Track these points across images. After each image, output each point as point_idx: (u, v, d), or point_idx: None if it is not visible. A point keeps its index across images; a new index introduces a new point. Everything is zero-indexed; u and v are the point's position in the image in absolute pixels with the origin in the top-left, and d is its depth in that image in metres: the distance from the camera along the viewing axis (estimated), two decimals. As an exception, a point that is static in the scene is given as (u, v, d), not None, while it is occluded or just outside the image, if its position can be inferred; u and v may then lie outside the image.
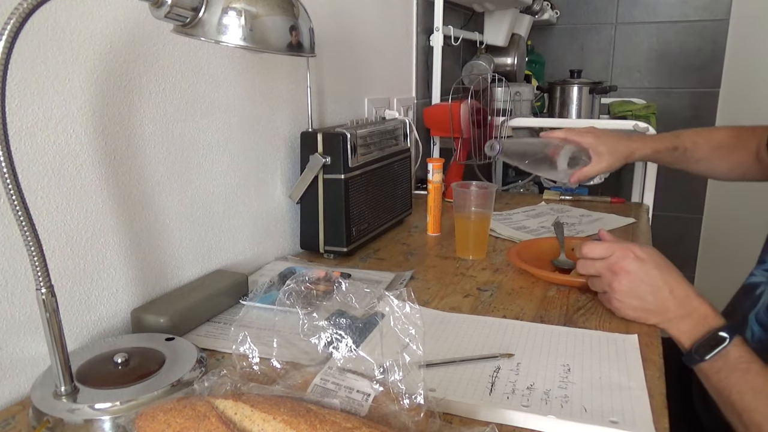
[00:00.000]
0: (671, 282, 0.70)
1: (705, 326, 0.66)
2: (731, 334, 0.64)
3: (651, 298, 0.70)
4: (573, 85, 1.86)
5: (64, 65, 0.61)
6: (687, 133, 1.03)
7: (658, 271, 0.70)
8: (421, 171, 1.58)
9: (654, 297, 0.70)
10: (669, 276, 0.70)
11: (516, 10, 2.01)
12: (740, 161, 1.00)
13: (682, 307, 0.68)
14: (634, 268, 0.71)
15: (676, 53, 2.43)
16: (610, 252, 0.73)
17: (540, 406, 0.55)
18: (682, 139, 1.02)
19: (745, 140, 0.99)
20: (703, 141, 1.02)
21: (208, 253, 0.86)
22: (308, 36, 0.61)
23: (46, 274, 0.48)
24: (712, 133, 1.04)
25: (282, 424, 0.42)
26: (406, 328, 0.52)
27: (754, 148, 0.97)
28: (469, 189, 1.00)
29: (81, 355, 0.59)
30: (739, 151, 0.99)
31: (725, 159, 1.01)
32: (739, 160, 1.00)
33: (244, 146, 0.93)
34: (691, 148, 1.01)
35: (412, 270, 0.95)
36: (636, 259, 0.71)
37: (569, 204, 1.43)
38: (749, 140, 0.98)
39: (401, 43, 1.56)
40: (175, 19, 0.53)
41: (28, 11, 0.43)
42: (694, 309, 0.68)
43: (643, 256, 0.71)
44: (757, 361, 0.63)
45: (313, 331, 0.56)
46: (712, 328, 0.66)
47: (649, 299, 0.70)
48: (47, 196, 0.61)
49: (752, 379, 0.62)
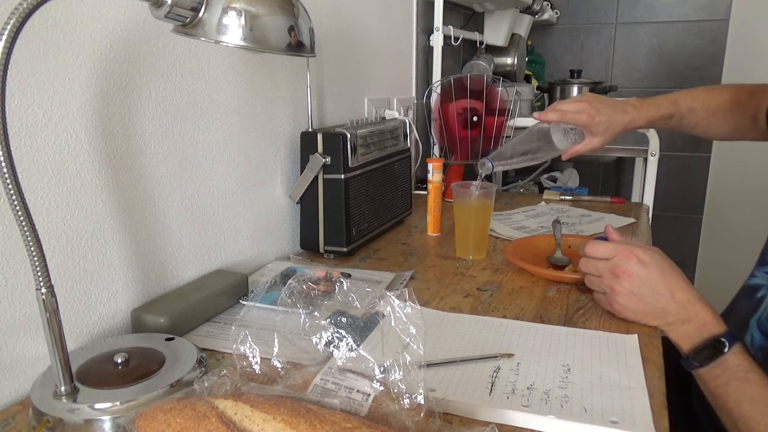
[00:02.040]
0: (673, 286, 0.69)
1: (705, 332, 0.66)
2: (731, 341, 0.64)
3: (652, 302, 0.70)
4: (573, 85, 1.86)
5: (64, 65, 0.61)
6: (684, 98, 1.00)
7: (660, 274, 0.70)
8: (421, 171, 1.58)
9: (655, 301, 0.70)
10: (672, 279, 0.70)
11: (516, 10, 2.01)
12: (738, 125, 0.97)
13: (683, 312, 0.68)
14: (637, 271, 0.70)
15: (676, 53, 2.43)
16: (613, 253, 0.73)
17: (540, 406, 0.55)
18: (679, 105, 0.98)
19: (744, 105, 0.97)
20: (700, 106, 0.98)
21: (208, 253, 0.86)
22: (308, 36, 0.61)
23: (46, 274, 0.48)
24: (711, 97, 0.99)
25: (282, 424, 0.42)
26: (406, 328, 0.52)
27: (753, 112, 0.95)
28: (469, 189, 1.00)
29: (81, 355, 0.59)
30: (737, 116, 0.97)
31: (722, 123, 0.98)
32: (737, 123, 0.97)
33: (244, 146, 0.93)
34: (687, 116, 0.99)
35: (412, 270, 0.95)
36: (639, 262, 0.70)
37: (569, 204, 1.43)
38: (748, 104, 0.96)
39: (401, 43, 1.56)
40: (175, 19, 0.53)
41: (28, 11, 0.43)
42: (695, 314, 0.68)
43: (647, 259, 0.71)
44: (757, 369, 0.63)
45: (313, 331, 0.56)
46: (712, 334, 0.65)
47: (650, 303, 0.70)
48: (47, 196, 0.61)
49: (750, 388, 0.62)
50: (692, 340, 0.67)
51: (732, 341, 0.64)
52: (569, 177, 2.14)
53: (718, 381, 0.64)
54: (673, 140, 2.40)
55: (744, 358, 0.63)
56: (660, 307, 0.69)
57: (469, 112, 1.46)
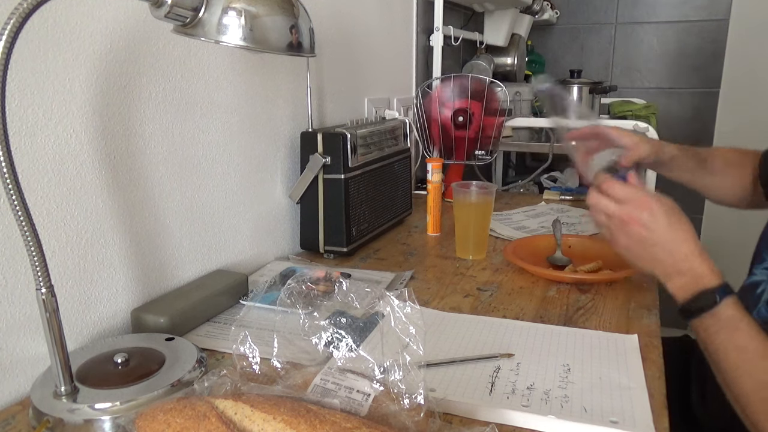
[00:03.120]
0: (677, 238, 0.70)
1: (700, 285, 0.67)
2: (723, 294, 0.64)
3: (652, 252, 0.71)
4: (573, 85, 1.86)
5: (64, 65, 0.61)
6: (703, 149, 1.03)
7: (666, 226, 0.71)
8: (421, 171, 1.58)
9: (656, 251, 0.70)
10: (677, 232, 0.70)
11: (516, 10, 2.01)
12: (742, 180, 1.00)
13: (680, 264, 0.69)
14: (646, 220, 0.71)
15: (676, 53, 2.43)
16: (627, 199, 0.73)
17: (540, 406, 0.55)
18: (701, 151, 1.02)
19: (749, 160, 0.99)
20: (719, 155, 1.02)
21: (208, 253, 0.86)
22: (308, 36, 0.61)
23: (46, 274, 0.48)
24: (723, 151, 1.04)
25: (282, 424, 0.42)
26: (406, 328, 0.52)
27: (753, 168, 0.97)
28: (469, 189, 1.00)
29: (81, 355, 0.59)
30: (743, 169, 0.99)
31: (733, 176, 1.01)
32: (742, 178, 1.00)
33: (244, 146, 0.93)
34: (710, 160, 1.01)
35: (412, 270, 0.95)
36: (649, 211, 0.71)
37: (569, 204, 1.43)
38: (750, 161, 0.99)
39: (401, 43, 1.56)
40: (175, 19, 0.53)
41: (28, 11, 0.43)
42: (693, 267, 0.68)
43: (657, 209, 0.71)
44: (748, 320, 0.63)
45: (313, 331, 0.56)
46: (706, 287, 0.66)
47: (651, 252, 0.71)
48: (47, 196, 0.61)
49: (740, 337, 0.62)
50: (687, 292, 0.67)
51: (724, 294, 0.64)
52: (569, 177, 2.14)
53: (709, 331, 0.64)
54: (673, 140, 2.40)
55: (736, 309, 0.64)
56: (660, 258, 0.70)
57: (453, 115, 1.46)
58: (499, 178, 2.40)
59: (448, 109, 1.48)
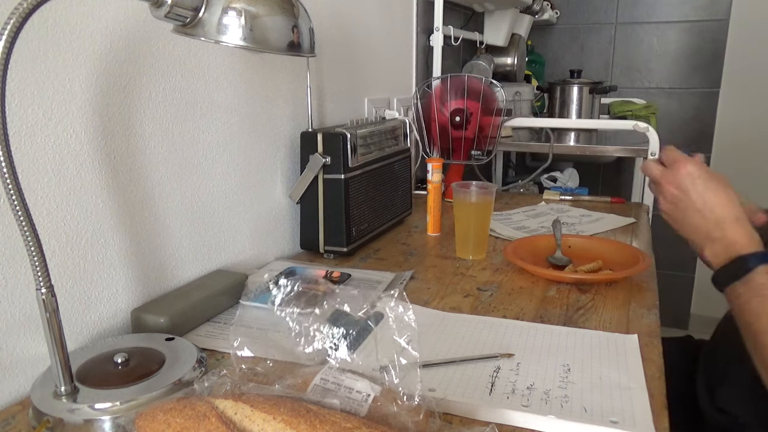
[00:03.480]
0: (712, 204, 0.71)
1: (732, 252, 0.67)
2: (756, 262, 0.65)
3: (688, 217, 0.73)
4: (573, 85, 1.86)
5: (64, 65, 0.61)
6: None
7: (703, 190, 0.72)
8: (421, 171, 1.58)
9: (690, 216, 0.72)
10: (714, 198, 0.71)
11: (516, 10, 2.01)
12: None
13: (715, 230, 0.70)
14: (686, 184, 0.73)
15: (676, 53, 2.43)
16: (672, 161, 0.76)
17: (540, 406, 0.55)
18: None
19: None
20: None
21: (208, 253, 0.86)
22: (308, 36, 0.61)
23: (46, 274, 0.48)
24: None
25: (282, 424, 0.42)
26: (402, 330, 0.52)
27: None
28: (469, 189, 1.00)
29: (81, 355, 0.59)
30: None
31: None
32: None
33: (244, 146, 0.93)
34: None
35: (412, 270, 0.95)
36: (688, 175, 0.73)
37: (569, 204, 1.43)
38: None
39: (401, 43, 1.56)
40: (175, 19, 0.53)
41: (28, 11, 0.43)
42: (726, 234, 0.69)
43: (696, 173, 0.73)
44: None
45: (312, 331, 0.56)
46: (739, 254, 0.66)
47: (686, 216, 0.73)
48: (47, 196, 0.61)
49: None
50: (720, 259, 0.68)
51: (758, 262, 0.64)
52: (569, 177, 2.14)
53: (741, 299, 0.64)
54: (673, 140, 2.40)
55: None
56: (693, 223, 0.72)
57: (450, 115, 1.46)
58: (499, 178, 2.40)
59: (446, 109, 1.48)
